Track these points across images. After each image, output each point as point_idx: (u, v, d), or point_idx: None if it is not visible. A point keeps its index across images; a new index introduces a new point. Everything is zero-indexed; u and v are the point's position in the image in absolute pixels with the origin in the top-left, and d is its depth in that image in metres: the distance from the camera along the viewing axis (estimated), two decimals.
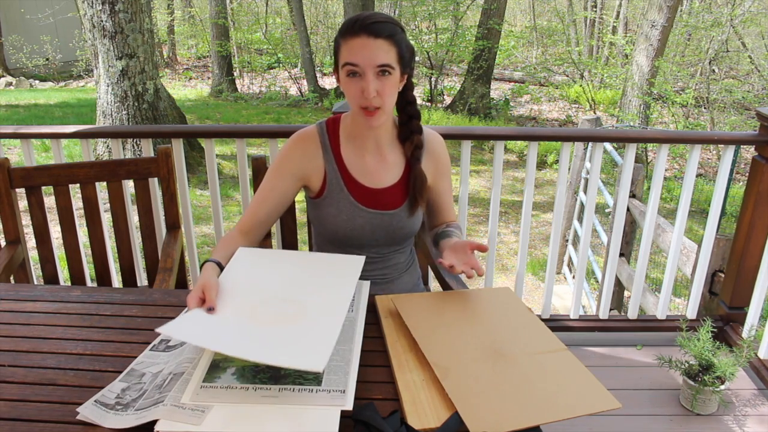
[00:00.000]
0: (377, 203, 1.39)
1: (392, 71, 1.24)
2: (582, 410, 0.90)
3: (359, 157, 1.39)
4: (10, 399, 0.95)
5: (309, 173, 1.39)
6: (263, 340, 0.96)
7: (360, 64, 1.21)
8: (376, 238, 1.42)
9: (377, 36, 1.21)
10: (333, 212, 1.39)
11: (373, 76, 1.22)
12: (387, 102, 1.26)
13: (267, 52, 13.44)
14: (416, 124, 1.39)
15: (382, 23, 1.22)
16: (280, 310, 1.05)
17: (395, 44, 1.23)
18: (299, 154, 1.39)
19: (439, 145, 1.46)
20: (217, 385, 0.92)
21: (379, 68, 1.22)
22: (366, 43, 1.21)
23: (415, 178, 1.38)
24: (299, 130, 1.41)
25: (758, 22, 10.07)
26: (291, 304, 1.07)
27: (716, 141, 2.22)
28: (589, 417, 1.94)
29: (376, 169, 1.39)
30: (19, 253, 1.79)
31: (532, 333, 1.09)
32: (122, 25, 5.11)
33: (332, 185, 1.38)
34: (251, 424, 0.86)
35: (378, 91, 1.23)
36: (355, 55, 1.21)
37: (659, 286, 2.53)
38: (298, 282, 1.15)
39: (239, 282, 1.13)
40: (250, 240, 1.38)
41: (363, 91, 1.23)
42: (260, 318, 1.03)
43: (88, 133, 2.14)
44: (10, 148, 6.10)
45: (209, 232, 5.03)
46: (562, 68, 12.09)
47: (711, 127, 8.94)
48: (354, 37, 1.22)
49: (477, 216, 6.09)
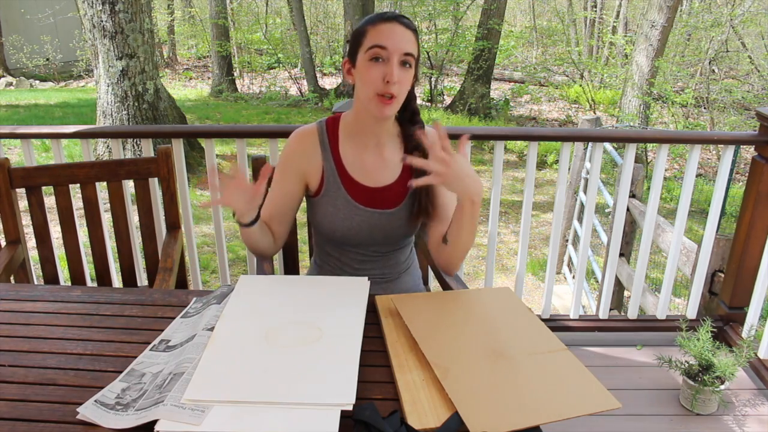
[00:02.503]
0: (375, 202, 1.38)
1: (412, 64, 1.27)
2: (582, 410, 0.90)
3: (358, 156, 1.38)
4: (10, 399, 0.95)
5: (308, 171, 1.39)
6: (284, 370, 0.95)
7: (389, 48, 1.23)
8: (373, 237, 1.41)
9: (406, 26, 1.25)
10: (331, 211, 1.38)
11: (396, 62, 1.24)
12: (402, 93, 1.28)
13: (267, 52, 13.44)
14: (419, 119, 1.39)
15: (409, 19, 1.28)
16: (295, 333, 1.04)
17: (417, 41, 1.28)
18: (299, 152, 1.39)
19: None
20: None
21: (405, 56, 1.24)
22: (396, 29, 1.24)
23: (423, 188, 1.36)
24: (299, 128, 1.41)
25: (758, 22, 10.07)
26: (305, 327, 1.06)
27: (716, 141, 2.22)
28: (589, 417, 1.94)
29: (375, 168, 1.38)
30: (19, 253, 1.79)
31: (532, 333, 1.09)
32: (122, 25, 5.11)
33: (330, 183, 1.38)
34: (251, 424, 0.86)
35: (399, 79, 1.24)
36: (386, 38, 1.23)
37: (659, 286, 2.53)
38: (307, 305, 1.14)
39: (247, 310, 1.12)
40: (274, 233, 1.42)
41: (385, 76, 1.23)
42: (277, 342, 1.01)
43: (88, 133, 2.14)
44: (10, 148, 6.10)
45: (209, 232, 5.03)
46: (562, 68, 12.10)
47: (711, 127, 8.94)
48: (385, 23, 1.25)
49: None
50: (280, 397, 0.89)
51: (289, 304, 1.14)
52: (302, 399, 0.89)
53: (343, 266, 1.47)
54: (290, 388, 0.91)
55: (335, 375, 0.94)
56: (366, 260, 1.45)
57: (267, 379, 0.93)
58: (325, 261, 1.50)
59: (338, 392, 0.90)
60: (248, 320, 1.08)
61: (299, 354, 0.99)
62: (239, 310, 1.12)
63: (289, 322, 1.08)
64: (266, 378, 0.93)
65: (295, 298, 1.17)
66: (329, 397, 0.89)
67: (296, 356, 0.98)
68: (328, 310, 1.12)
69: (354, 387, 0.91)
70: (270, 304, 1.14)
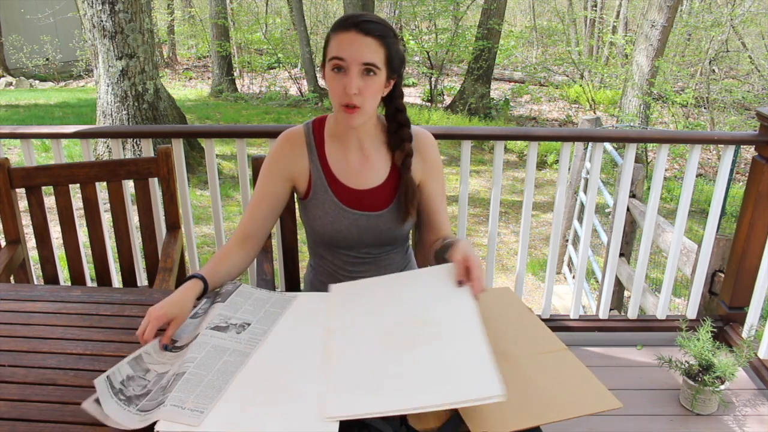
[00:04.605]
0: (362, 204, 1.37)
1: (377, 72, 1.22)
2: (582, 410, 0.90)
3: (343, 158, 1.37)
4: (10, 399, 0.95)
5: (295, 174, 1.38)
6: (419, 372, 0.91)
7: (346, 59, 1.20)
8: (363, 239, 1.39)
9: (367, 34, 1.20)
10: (319, 213, 1.38)
11: (357, 73, 1.21)
12: (367, 102, 1.24)
13: (267, 52, 13.43)
14: (406, 132, 1.35)
15: (374, 23, 1.22)
16: (411, 332, 1.01)
17: (384, 46, 1.22)
18: (286, 154, 1.38)
19: (428, 144, 1.40)
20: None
21: (365, 66, 1.20)
22: (355, 38, 1.20)
23: (405, 187, 1.35)
24: (286, 130, 1.40)
25: (758, 22, 10.06)
26: (418, 324, 1.02)
27: (716, 141, 2.22)
28: (589, 417, 1.94)
29: (360, 170, 1.37)
30: (19, 253, 1.79)
31: (532, 333, 1.09)
32: (122, 25, 5.11)
33: (317, 186, 1.37)
34: (251, 424, 0.86)
35: (360, 89, 1.21)
36: (343, 50, 1.20)
37: (659, 286, 2.53)
38: (408, 303, 1.10)
39: (352, 318, 1.09)
40: (248, 249, 1.36)
41: (345, 87, 1.21)
42: (397, 344, 0.98)
43: (88, 133, 2.14)
44: (10, 148, 6.09)
45: (209, 232, 5.03)
46: (562, 68, 12.09)
47: (711, 127, 8.94)
48: (344, 32, 1.21)
49: (477, 216, 6.09)
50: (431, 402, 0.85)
51: (390, 305, 1.11)
52: (455, 399, 0.85)
53: (337, 269, 1.45)
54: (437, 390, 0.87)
55: (473, 368, 0.90)
56: (359, 262, 1.44)
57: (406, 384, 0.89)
58: (319, 264, 1.49)
59: (484, 385, 0.85)
60: (358, 328, 1.05)
61: (425, 353, 0.95)
62: (344, 320, 1.09)
63: (400, 323, 1.04)
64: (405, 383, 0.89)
65: (392, 298, 1.13)
66: (478, 391, 0.85)
67: (424, 356, 0.94)
68: (434, 303, 1.07)
69: (497, 376, 0.86)
70: (371, 309, 1.11)
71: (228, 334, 1.05)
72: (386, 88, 1.29)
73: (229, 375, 0.96)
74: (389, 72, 1.25)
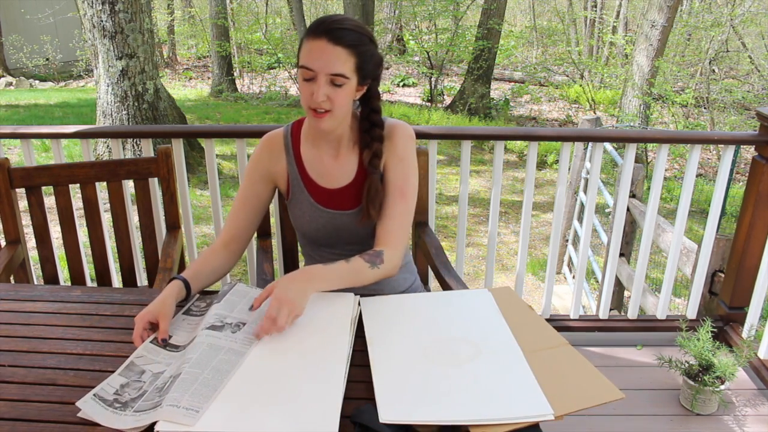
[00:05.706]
0: (335, 203, 1.38)
1: (345, 81, 1.21)
2: (586, 403, 0.90)
3: (317, 158, 1.39)
4: (10, 399, 0.95)
5: (275, 175, 1.41)
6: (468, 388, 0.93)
7: (314, 69, 1.19)
8: (341, 237, 1.41)
9: (337, 43, 1.18)
10: (299, 213, 1.40)
11: (325, 82, 1.20)
12: (337, 108, 1.24)
13: (267, 52, 13.43)
14: (377, 132, 1.34)
15: (346, 30, 1.20)
16: (451, 350, 1.03)
17: (355, 55, 1.21)
18: (266, 156, 1.40)
19: (400, 134, 1.36)
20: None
21: (332, 76, 1.20)
22: (324, 48, 1.19)
23: (368, 187, 1.34)
24: (268, 133, 1.42)
25: (758, 22, 10.06)
26: (458, 343, 1.04)
27: (716, 141, 2.22)
28: (588, 417, 1.94)
29: (332, 170, 1.38)
30: (19, 253, 1.79)
31: (534, 330, 1.09)
32: (122, 25, 5.11)
33: (294, 187, 1.39)
34: (250, 424, 0.86)
35: (329, 97, 1.22)
36: (312, 60, 1.19)
37: (659, 286, 2.53)
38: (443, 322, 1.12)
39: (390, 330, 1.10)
40: (232, 251, 1.37)
41: (313, 94, 1.21)
42: (440, 360, 1.00)
43: (88, 133, 2.14)
44: (10, 148, 6.09)
45: (209, 232, 5.03)
46: (562, 68, 12.09)
47: (711, 127, 8.93)
48: (314, 39, 1.20)
49: (477, 216, 6.09)
50: (483, 416, 0.86)
51: (423, 322, 1.12)
52: (511, 415, 0.87)
53: None
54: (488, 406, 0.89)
55: (522, 387, 0.93)
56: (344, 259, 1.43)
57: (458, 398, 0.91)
58: (309, 263, 1.50)
59: (536, 404, 0.89)
60: (397, 340, 1.06)
61: (470, 371, 0.97)
62: (382, 331, 1.10)
63: (437, 340, 1.05)
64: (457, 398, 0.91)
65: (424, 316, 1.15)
66: (532, 410, 0.87)
67: (469, 373, 0.96)
68: (469, 324, 1.11)
69: (542, 397, 0.90)
70: (405, 324, 1.12)
71: (223, 333, 1.05)
72: (359, 92, 1.28)
73: (224, 374, 0.96)
74: (360, 78, 1.25)
